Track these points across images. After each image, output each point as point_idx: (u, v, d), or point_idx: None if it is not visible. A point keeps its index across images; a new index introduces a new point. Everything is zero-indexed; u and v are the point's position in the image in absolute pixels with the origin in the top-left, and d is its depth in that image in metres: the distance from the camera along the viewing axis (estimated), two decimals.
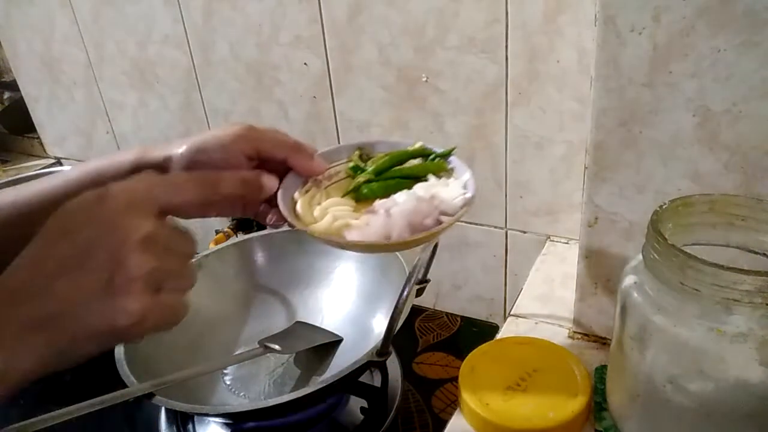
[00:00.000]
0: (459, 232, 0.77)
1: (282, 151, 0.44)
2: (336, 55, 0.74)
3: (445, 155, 0.45)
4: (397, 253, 0.63)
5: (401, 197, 0.40)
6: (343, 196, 0.43)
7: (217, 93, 0.87)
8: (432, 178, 0.42)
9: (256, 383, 0.66)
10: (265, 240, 0.75)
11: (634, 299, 0.39)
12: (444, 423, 0.50)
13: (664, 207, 0.39)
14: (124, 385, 0.53)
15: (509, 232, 0.74)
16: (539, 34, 0.60)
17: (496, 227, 0.74)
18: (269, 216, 0.45)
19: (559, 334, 0.56)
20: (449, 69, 0.67)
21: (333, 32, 0.72)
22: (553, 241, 0.71)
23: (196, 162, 0.42)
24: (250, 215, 0.46)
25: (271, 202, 0.43)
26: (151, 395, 0.51)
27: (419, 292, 0.53)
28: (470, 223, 0.76)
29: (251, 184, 0.39)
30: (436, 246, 0.52)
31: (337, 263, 0.73)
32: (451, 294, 0.83)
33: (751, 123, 0.40)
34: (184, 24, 0.84)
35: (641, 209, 0.46)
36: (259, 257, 0.75)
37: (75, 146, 1.14)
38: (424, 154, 0.45)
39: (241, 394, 0.65)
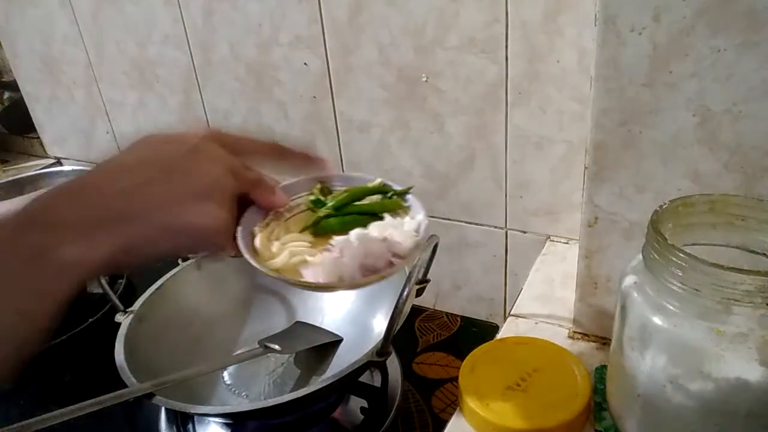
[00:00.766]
0: (459, 232, 0.77)
1: (244, 185, 0.42)
2: (336, 55, 0.74)
3: (403, 193, 0.47)
4: None
5: (354, 236, 0.41)
6: (301, 231, 0.43)
7: (217, 93, 0.87)
8: (388, 217, 0.43)
9: (256, 383, 0.66)
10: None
11: (634, 299, 0.39)
12: (444, 423, 0.50)
13: (664, 207, 0.39)
14: (124, 386, 0.53)
15: (509, 232, 0.74)
16: (539, 34, 0.60)
17: (496, 227, 0.74)
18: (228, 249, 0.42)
19: (559, 334, 0.56)
20: (449, 69, 0.67)
21: (333, 32, 0.72)
22: (553, 241, 0.71)
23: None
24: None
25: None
26: (151, 395, 0.51)
27: (419, 292, 0.53)
28: (470, 223, 0.76)
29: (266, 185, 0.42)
30: (436, 246, 0.52)
31: None
32: (451, 294, 0.83)
33: (751, 123, 0.40)
34: (184, 24, 0.84)
35: (641, 209, 0.46)
36: None
37: (75, 146, 1.14)
38: (382, 191, 0.46)
39: (242, 394, 0.65)
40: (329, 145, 0.81)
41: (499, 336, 0.57)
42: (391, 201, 0.46)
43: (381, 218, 0.44)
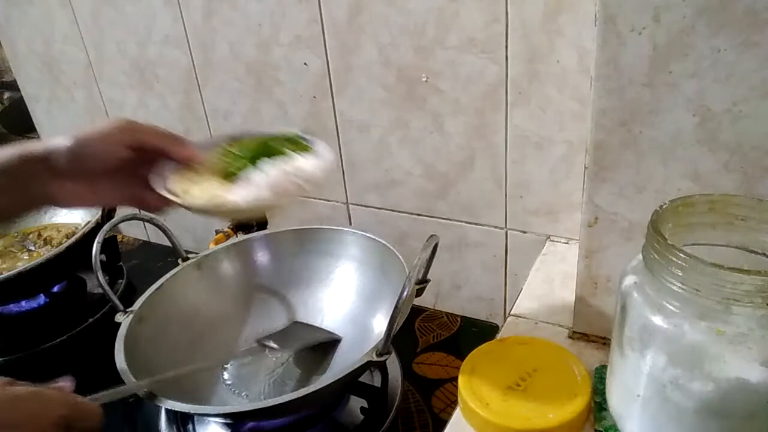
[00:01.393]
0: (459, 232, 0.77)
1: (160, 141, 0.48)
2: (336, 55, 0.74)
3: (306, 138, 0.52)
4: (396, 253, 0.64)
5: (266, 169, 0.47)
6: (215, 178, 0.48)
7: (217, 93, 0.87)
8: (293, 155, 0.49)
9: (256, 383, 0.66)
10: (265, 240, 0.75)
11: (634, 299, 0.39)
12: (444, 423, 0.50)
13: (664, 207, 0.39)
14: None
15: (509, 232, 0.74)
16: (539, 34, 0.60)
17: (496, 227, 0.74)
18: (145, 198, 0.49)
19: (559, 334, 0.56)
20: (449, 69, 0.67)
21: (333, 32, 0.72)
22: (553, 241, 0.71)
23: (80, 154, 0.45)
24: (134, 204, 0.50)
25: (147, 185, 0.48)
26: (152, 395, 0.51)
27: (419, 292, 0.53)
28: (470, 223, 0.76)
29: None
30: (436, 246, 0.52)
31: (337, 263, 0.73)
32: (451, 294, 0.83)
33: (751, 123, 0.40)
34: (184, 24, 0.84)
35: (641, 209, 0.46)
36: (259, 257, 0.75)
37: None
38: (288, 138, 0.51)
39: (242, 394, 0.65)
40: (329, 145, 0.80)
41: (499, 336, 0.57)
42: (296, 144, 0.51)
43: (286, 156, 0.49)
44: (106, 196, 0.49)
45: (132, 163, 0.47)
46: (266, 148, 0.50)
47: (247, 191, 0.46)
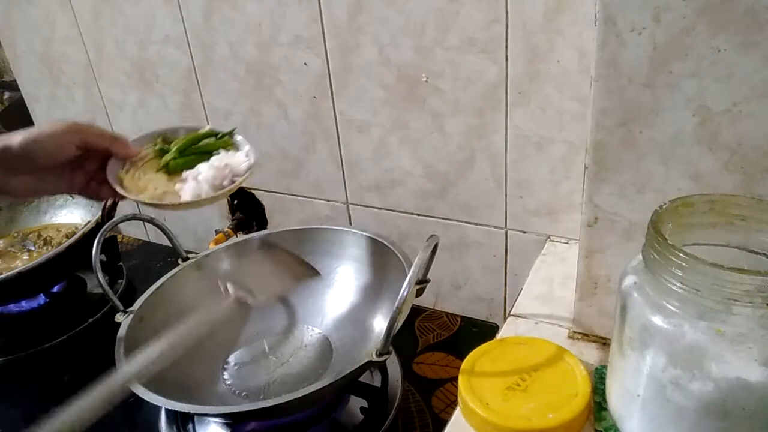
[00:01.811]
0: (459, 232, 0.77)
1: (103, 141, 0.54)
2: (336, 55, 0.74)
3: (230, 134, 0.61)
4: (397, 253, 0.65)
5: (203, 167, 0.56)
6: (156, 172, 0.57)
7: (217, 93, 0.87)
8: (222, 152, 0.58)
9: (256, 383, 0.66)
10: (266, 240, 0.75)
11: (634, 299, 0.39)
12: (444, 423, 0.50)
13: (664, 207, 0.39)
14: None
15: (509, 232, 0.74)
16: (539, 34, 0.60)
17: (496, 227, 0.74)
18: (100, 192, 0.56)
19: (559, 334, 0.56)
20: (449, 69, 0.67)
21: (333, 32, 0.72)
22: (553, 241, 0.71)
23: (30, 151, 0.51)
24: (79, 192, 0.57)
25: (97, 179, 0.55)
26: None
27: (419, 292, 0.53)
28: (470, 223, 0.76)
29: None
30: (436, 246, 0.52)
31: (337, 263, 0.73)
32: (451, 294, 0.83)
33: (751, 123, 0.40)
34: (184, 24, 0.84)
35: (641, 209, 0.46)
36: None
37: None
38: (213, 134, 0.60)
39: (241, 394, 0.65)
40: (329, 145, 0.81)
41: (499, 336, 0.57)
42: (222, 141, 0.60)
43: (217, 154, 0.58)
44: (56, 187, 0.55)
45: (79, 159, 0.54)
46: (198, 147, 0.59)
47: (188, 187, 0.54)
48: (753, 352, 0.34)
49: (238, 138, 0.61)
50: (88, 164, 0.55)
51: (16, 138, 0.51)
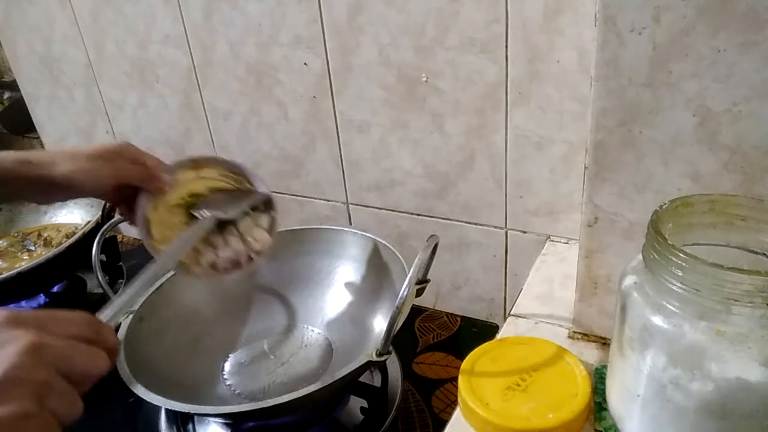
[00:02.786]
0: (459, 232, 0.77)
1: (139, 179, 0.54)
2: (336, 55, 0.74)
3: (268, 205, 0.61)
4: (396, 253, 0.65)
5: (226, 240, 0.57)
6: (181, 209, 0.57)
7: (217, 93, 0.87)
8: (247, 221, 0.59)
9: (256, 383, 0.66)
10: None
11: (634, 299, 0.39)
12: (444, 423, 0.50)
13: (664, 207, 0.39)
14: (125, 386, 0.53)
15: (509, 232, 0.74)
16: (539, 34, 0.60)
17: (496, 227, 0.74)
18: (131, 216, 0.56)
19: (559, 334, 0.56)
20: (449, 69, 0.67)
21: (333, 32, 0.72)
22: (553, 241, 0.71)
23: (71, 186, 0.51)
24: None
25: (129, 206, 0.55)
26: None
27: (419, 292, 0.53)
28: (470, 223, 0.76)
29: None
30: (436, 246, 0.52)
31: (337, 263, 0.73)
32: (451, 294, 0.83)
33: (751, 123, 0.40)
34: (184, 24, 0.84)
35: (641, 209, 0.46)
36: None
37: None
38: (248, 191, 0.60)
39: (241, 394, 0.65)
40: (329, 145, 0.81)
41: (499, 336, 0.57)
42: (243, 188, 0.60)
43: (244, 219, 0.58)
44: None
45: (114, 190, 0.54)
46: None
47: (206, 258, 0.56)
48: (753, 352, 0.34)
49: (257, 181, 0.61)
50: (125, 189, 0.55)
51: (57, 170, 0.50)
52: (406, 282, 0.49)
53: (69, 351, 0.33)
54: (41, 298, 0.89)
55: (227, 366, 0.68)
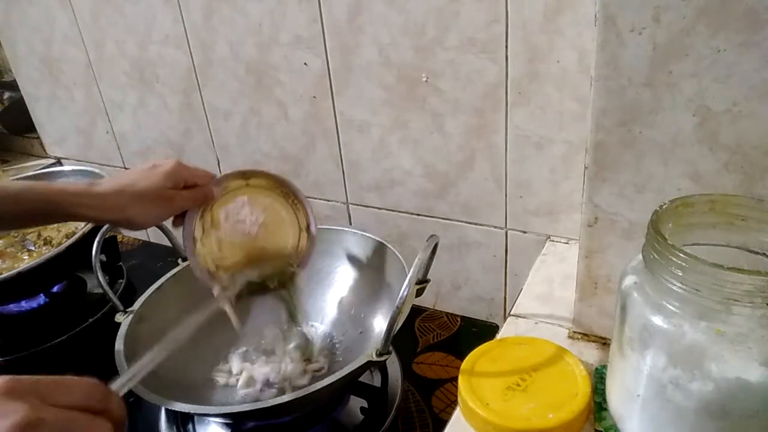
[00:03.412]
0: (459, 232, 0.77)
1: (189, 205, 0.57)
2: (336, 55, 0.74)
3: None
4: (396, 253, 0.65)
5: (259, 365, 0.65)
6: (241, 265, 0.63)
7: (217, 93, 0.87)
8: (286, 360, 0.65)
9: (256, 383, 0.66)
10: None
11: (634, 299, 0.39)
12: (444, 423, 0.50)
13: (664, 207, 0.39)
14: None
15: (509, 232, 0.74)
16: (539, 34, 0.60)
17: (496, 227, 0.74)
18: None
19: (559, 334, 0.56)
20: (449, 69, 0.67)
21: (333, 32, 0.72)
22: (553, 241, 0.71)
23: (122, 224, 0.55)
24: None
25: (177, 221, 0.58)
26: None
27: (419, 292, 0.53)
28: (470, 223, 0.76)
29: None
30: (436, 246, 0.52)
31: (337, 263, 0.73)
32: (451, 294, 0.83)
33: (751, 123, 0.40)
34: (184, 24, 0.84)
35: (641, 209, 0.46)
36: None
37: (75, 146, 1.14)
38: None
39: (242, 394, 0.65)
40: (329, 145, 0.81)
41: (499, 336, 0.57)
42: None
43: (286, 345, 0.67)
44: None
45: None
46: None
47: (243, 378, 0.64)
48: (753, 352, 0.34)
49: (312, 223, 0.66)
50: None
51: (108, 216, 0.54)
52: (406, 282, 0.49)
53: (67, 425, 0.32)
54: (41, 298, 0.89)
55: (227, 366, 0.68)
